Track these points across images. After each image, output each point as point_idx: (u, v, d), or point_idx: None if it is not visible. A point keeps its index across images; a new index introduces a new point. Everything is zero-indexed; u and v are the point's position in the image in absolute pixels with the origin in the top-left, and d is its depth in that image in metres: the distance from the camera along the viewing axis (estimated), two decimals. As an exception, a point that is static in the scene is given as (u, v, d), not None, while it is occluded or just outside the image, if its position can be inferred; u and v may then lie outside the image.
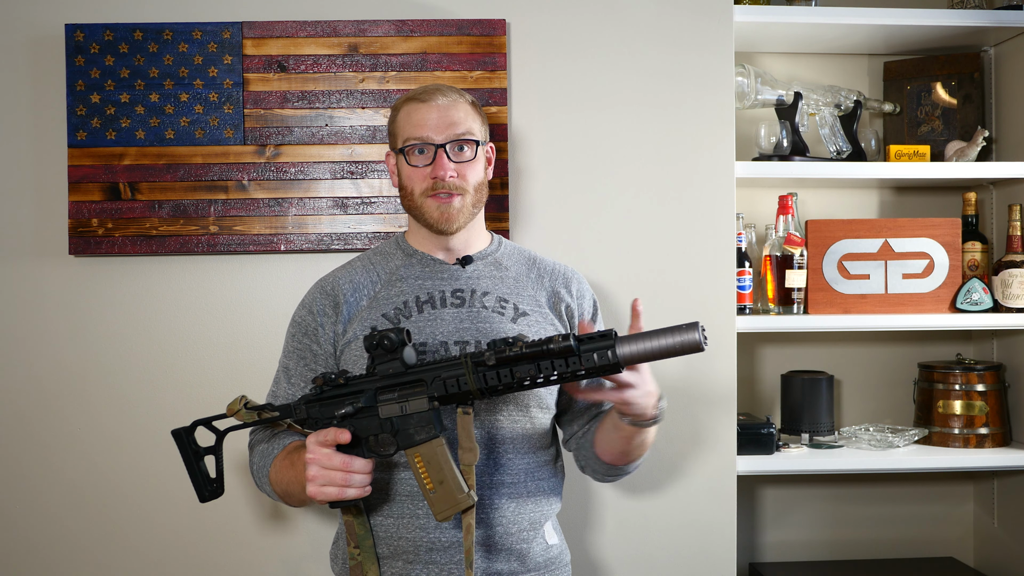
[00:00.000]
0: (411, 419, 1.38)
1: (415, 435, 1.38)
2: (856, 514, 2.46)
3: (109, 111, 1.95)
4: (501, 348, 1.34)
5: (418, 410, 1.38)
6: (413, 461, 1.38)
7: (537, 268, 1.68)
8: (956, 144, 2.26)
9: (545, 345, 1.32)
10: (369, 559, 1.47)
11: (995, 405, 2.26)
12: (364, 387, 1.41)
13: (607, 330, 1.33)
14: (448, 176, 1.55)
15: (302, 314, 1.63)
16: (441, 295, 1.59)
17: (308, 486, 1.37)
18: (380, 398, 1.39)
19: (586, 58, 2.04)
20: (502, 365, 1.34)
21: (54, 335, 1.99)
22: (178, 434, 1.49)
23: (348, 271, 1.65)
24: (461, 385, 1.36)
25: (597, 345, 1.32)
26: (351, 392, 1.41)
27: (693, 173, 2.05)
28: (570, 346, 1.31)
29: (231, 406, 1.46)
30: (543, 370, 1.33)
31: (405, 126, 1.59)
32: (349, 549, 1.47)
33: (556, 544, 1.61)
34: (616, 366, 1.32)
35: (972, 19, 2.18)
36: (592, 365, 1.32)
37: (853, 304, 2.23)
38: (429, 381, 1.38)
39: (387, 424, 1.39)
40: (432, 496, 1.37)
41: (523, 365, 1.34)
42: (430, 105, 1.57)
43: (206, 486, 1.50)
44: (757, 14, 2.13)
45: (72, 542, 1.98)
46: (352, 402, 1.40)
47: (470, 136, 1.58)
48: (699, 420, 2.05)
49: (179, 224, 1.96)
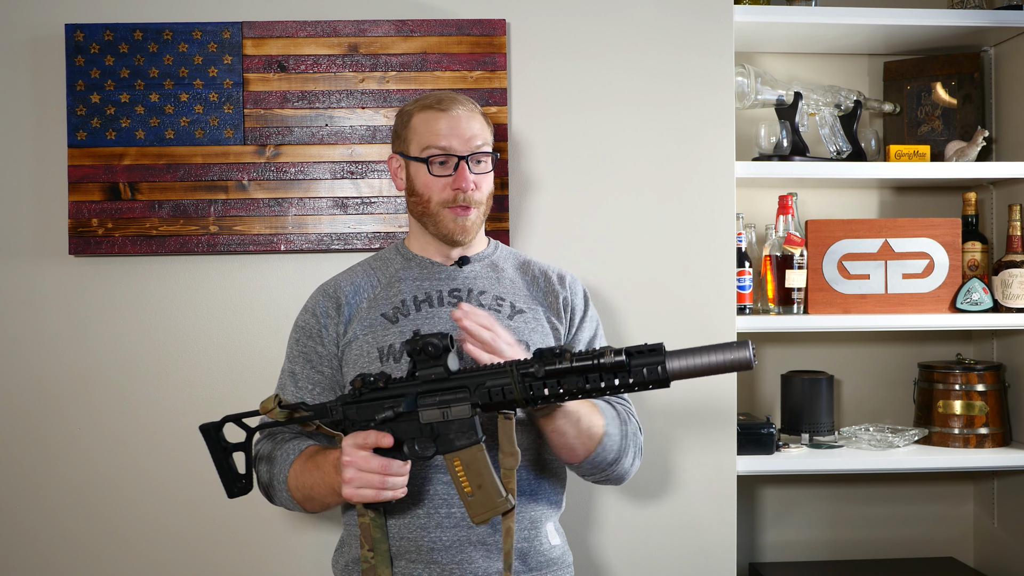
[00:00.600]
0: (452, 425, 1.38)
1: (455, 440, 1.38)
2: (856, 514, 2.46)
3: (109, 111, 1.95)
4: (550, 360, 1.33)
5: (460, 416, 1.38)
6: (452, 465, 1.38)
7: (532, 269, 1.70)
8: (956, 144, 2.26)
9: (596, 359, 1.31)
10: (383, 563, 1.46)
11: (995, 405, 2.26)
12: (406, 391, 1.40)
13: (656, 344, 1.32)
14: (471, 188, 1.56)
15: (305, 318, 1.64)
16: (439, 294, 1.60)
17: (344, 488, 1.37)
18: (421, 403, 1.39)
19: (586, 58, 2.04)
20: (550, 377, 1.34)
21: (54, 335, 1.98)
22: (207, 430, 1.48)
23: (349, 275, 1.67)
24: (506, 394, 1.36)
25: (647, 361, 1.31)
26: (391, 396, 1.40)
27: (693, 173, 2.05)
28: (622, 361, 1.30)
29: (265, 404, 1.44)
30: (591, 382, 1.33)
31: (425, 134, 1.58)
32: (362, 552, 1.46)
33: (558, 545, 1.61)
34: (665, 381, 1.32)
35: (972, 19, 2.18)
36: (641, 379, 1.31)
37: (853, 304, 2.23)
38: (472, 388, 1.37)
39: (427, 429, 1.39)
40: (470, 500, 1.38)
41: (571, 377, 1.34)
42: (451, 115, 1.57)
43: (235, 482, 1.50)
44: (757, 14, 2.13)
45: (72, 542, 1.98)
46: (393, 406, 1.39)
47: (487, 148, 1.60)
48: (699, 420, 2.05)
49: (179, 224, 1.96)
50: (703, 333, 2.04)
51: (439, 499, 1.50)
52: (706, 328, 2.03)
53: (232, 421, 1.48)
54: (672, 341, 1.94)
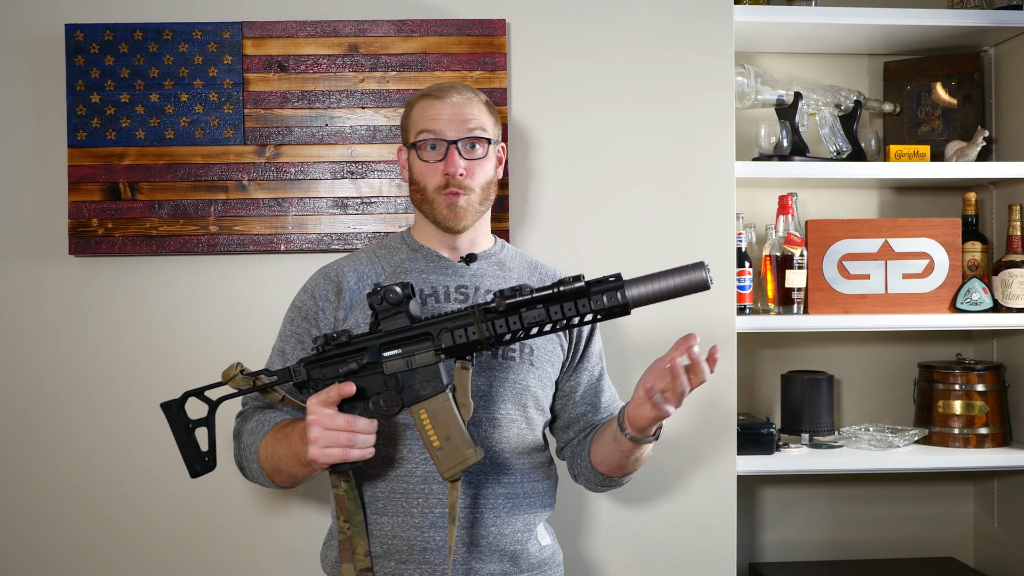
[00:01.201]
0: (417, 374, 1.36)
1: (421, 390, 1.36)
2: (856, 514, 2.46)
3: (109, 111, 1.95)
4: (510, 294, 1.32)
5: (424, 364, 1.35)
6: (419, 417, 1.36)
7: (539, 272, 1.69)
8: (956, 144, 2.26)
9: (556, 287, 1.31)
10: (359, 534, 1.44)
11: (995, 405, 2.26)
12: (368, 343, 1.37)
13: (614, 273, 1.33)
14: (459, 173, 1.55)
15: (303, 299, 1.62)
16: (445, 290, 1.59)
17: (310, 448, 1.34)
18: (385, 354, 1.36)
19: (586, 58, 2.04)
20: (511, 311, 1.32)
21: (54, 335, 1.99)
22: (168, 406, 1.42)
23: (353, 261, 1.65)
24: (469, 335, 1.34)
25: (606, 287, 1.31)
26: (354, 350, 1.38)
27: (693, 173, 2.05)
28: (582, 287, 1.30)
29: (226, 372, 1.41)
30: (552, 315, 1.32)
31: (419, 120, 1.59)
32: (339, 524, 1.45)
33: (548, 545, 1.61)
34: (625, 307, 1.31)
35: (972, 19, 2.18)
36: (602, 307, 1.31)
37: (853, 304, 2.23)
38: (436, 334, 1.35)
39: (392, 380, 1.37)
40: (439, 454, 1.35)
41: (533, 310, 1.32)
42: (444, 102, 1.58)
43: (198, 460, 1.42)
44: (757, 14, 2.13)
45: (71, 542, 1.98)
46: (357, 359, 1.37)
47: (482, 133, 1.58)
48: (699, 420, 2.05)
49: (179, 224, 1.96)
50: (703, 333, 2.02)
51: (434, 498, 1.50)
52: (706, 328, 2.03)
53: (194, 395, 1.43)
54: (672, 341, 1.95)
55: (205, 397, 1.43)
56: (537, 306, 1.32)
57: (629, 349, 2.03)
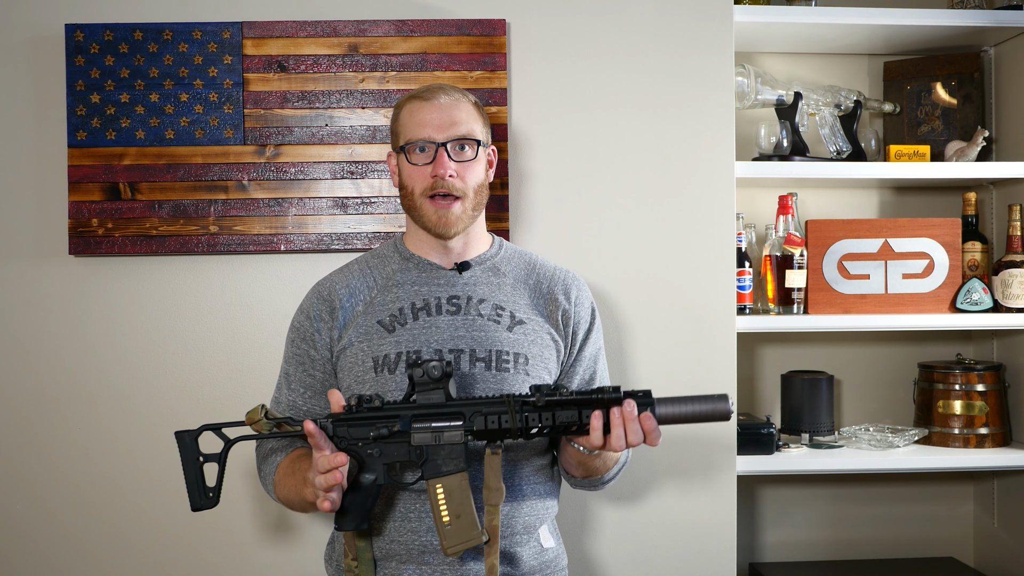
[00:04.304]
0: (442, 450, 1.39)
1: (443, 466, 1.39)
2: (856, 514, 2.46)
3: (109, 111, 1.95)
4: (548, 392, 1.37)
5: (451, 441, 1.39)
6: (434, 491, 1.39)
7: (536, 273, 1.67)
8: (956, 144, 2.26)
9: (596, 394, 1.37)
10: (367, 570, 1.47)
11: (995, 405, 2.26)
12: (402, 412, 1.40)
13: (646, 390, 1.40)
14: (448, 175, 1.53)
15: (300, 319, 1.63)
16: (437, 302, 1.58)
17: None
18: (415, 425, 1.39)
19: (586, 58, 2.04)
20: (547, 408, 1.37)
21: (54, 335, 1.98)
22: (181, 437, 1.44)
23: (345, 275, 1.64)
24: (502, 422, 1.38)
25: (640, 403, 1.38)
26: (387, 416, 1.40)
27: (693, 173, 2.05)
28: (618, 398, 1.37)
29: (251, 415, 1.41)
30: (584, 418, 1.38)
31: (407, 124, 1.58)
32: (346, 562, 1.48)
33: (552, 547, 1.61)
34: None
35: (972, 19, 2.18)
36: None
37: (853, 304, 2.23)
38: (468, 415, 1.39)
39: (416, 452, 1.39)
40: (446, 529, 1.38)
41: (567, 411, 1.38)
42: (432, 104, 1.56)
43: (202, 495, 1.44)
44: (757, 14, 2.13)
45: (71, 542, 1.98)
46: (388, 425, 1.39)
47: (471, 136, 1.57)
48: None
49: (179, 224, 1.96)
50: (703, 333, 2.04)
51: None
52: (706, 328, 2.04)
53: (211, 430, 1.44)
54: (672, 341, 1.95)
55: (222, 434, 1.44)
56: (572, 408, 1.38)
57: (630, 346, 2.03)
